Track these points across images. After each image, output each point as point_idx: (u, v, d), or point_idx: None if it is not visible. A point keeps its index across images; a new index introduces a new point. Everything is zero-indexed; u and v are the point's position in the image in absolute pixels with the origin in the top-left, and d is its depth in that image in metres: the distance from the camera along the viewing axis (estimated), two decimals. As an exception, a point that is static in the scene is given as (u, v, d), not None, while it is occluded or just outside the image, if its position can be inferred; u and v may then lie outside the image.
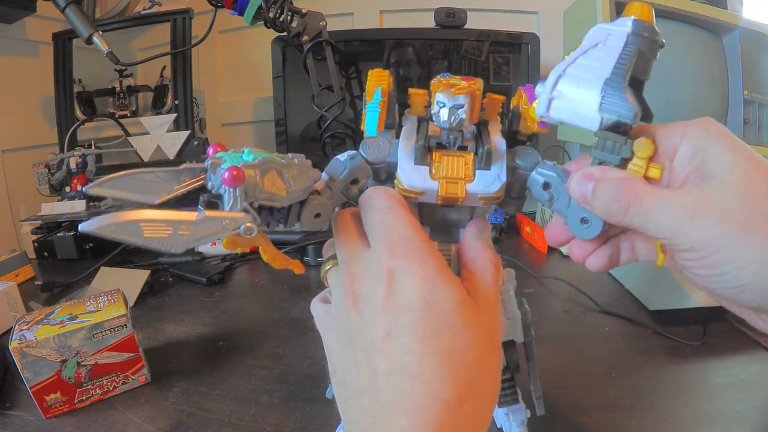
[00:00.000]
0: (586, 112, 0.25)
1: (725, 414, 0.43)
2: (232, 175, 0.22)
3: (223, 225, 0.22)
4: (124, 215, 0.20)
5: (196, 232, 0.21)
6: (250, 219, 0.23)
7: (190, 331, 0.59)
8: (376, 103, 0.30)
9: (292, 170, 0.27)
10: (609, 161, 0.27)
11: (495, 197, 0.30)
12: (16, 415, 0.44)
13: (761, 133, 0.80)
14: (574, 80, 0.26)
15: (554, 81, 0.26)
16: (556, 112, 0.26)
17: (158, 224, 0.21)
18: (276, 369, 0.50)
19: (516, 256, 0.79)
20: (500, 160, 0.29)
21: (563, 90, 0.26)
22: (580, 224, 0.28)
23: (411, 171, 0.30)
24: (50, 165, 0.92)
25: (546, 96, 0.26)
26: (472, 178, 0.29)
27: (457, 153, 0.30)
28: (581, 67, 0.26)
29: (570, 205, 0.28)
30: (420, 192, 0.30)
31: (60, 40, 0.95)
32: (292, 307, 0.64)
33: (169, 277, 0.75)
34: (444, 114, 0.28)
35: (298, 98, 0.95)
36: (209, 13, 0.78)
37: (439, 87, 0.28)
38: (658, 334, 0.55)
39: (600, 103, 0.24)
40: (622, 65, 0.24)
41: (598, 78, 0.25)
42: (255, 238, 0.26)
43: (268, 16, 0.71)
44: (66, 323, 0.43)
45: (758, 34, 0.80)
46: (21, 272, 0.74)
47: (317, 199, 0.30)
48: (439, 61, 0.99)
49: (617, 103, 0.24)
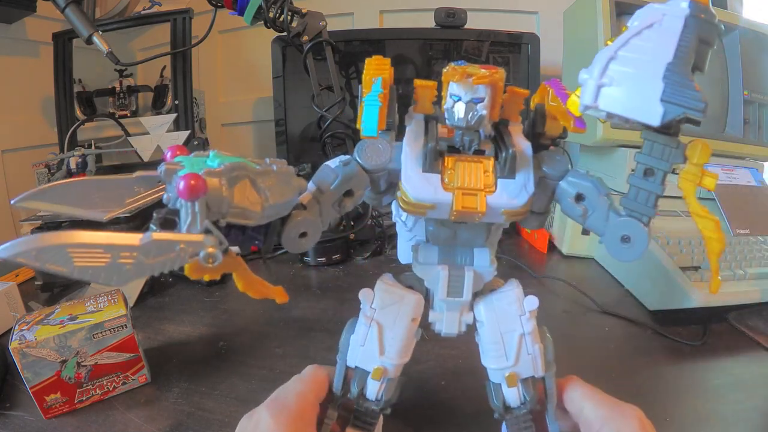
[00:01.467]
0: (644, 103, 0.20)
1: (725, 414, 0.43)
2: (189, 185, 0.17)
3: (176, 250, 0.17)
4: (50, 238, 0.15)
5: (142, 260, 0.16)
6: (212, 242, 0.18)
7: (190, 331, 0.59)
8: (375, 96, 0.24)
9: (269, 179, 0.21)
10: (657, 168, 0.23)
11: (521, 212, 0.25)
12: (16, 415, 0.44)
13: (761, 133, 0.80)
14: (629, 64, 0.21)
15: (604, 64, 0.22)
16: (607, 101, 0.22)
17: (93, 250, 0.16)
18: (276, 369, 0.50)
19: (516, 256, 0.79)
20: (526, 167, 0.25)
21: (616, 75, 0.21)
22: (620, 244, 0.24)
23: (419, 180, 0.25)
24: (50, 165, 0.92)
25: (594, 83, 0.22)
26: (493, 189, 0.24)
27: (474, 158, 0.25)
28: (636, 48, 0.21)
29: (609, 220, 0.24)
30: (430, 206, 0.25)
31: (60, 40, 0.95)
32: (292, 307, 0.64)
33: (169, 277, 0.74)
34: (460, 109, 0.23)
35: (298, 98, 0.95)
36: (209, 13, 0.78)
37: (453, 76, 0.23)
38: (658, 334, 0.55)
39: (663, 92, 0.20)
40: (684, 50, 0.20)
41: (658, 62, 0.20)
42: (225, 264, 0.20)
43: (268, 16, 0.71)
44: (66, 323, 0.43)
45: (758, 34, 0.80)
46: (21, 272, 0.74)
47: (302, 215, 0.24)
48: (439, 61, 0.99)
49: (685, 93, 0.20)
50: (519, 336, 0.27)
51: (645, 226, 0.24)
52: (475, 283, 0.28)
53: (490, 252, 0.29)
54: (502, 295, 0.28)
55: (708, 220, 0.23)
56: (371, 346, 0.30)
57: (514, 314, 0.27)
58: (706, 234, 0.23)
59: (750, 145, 0.78)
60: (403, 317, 0.30)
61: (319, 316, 0.62)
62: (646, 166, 0.24)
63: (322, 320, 0.60)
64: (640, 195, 0.24)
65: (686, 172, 0.23)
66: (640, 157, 0.24)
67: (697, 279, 0.59)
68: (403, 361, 0.31)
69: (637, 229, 0.24)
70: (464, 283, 0.28)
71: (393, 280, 0.31)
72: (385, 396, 0.32)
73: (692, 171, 0.23)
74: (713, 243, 0.23)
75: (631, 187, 0.24)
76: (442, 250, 0.28)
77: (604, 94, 0.22)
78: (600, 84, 0.22)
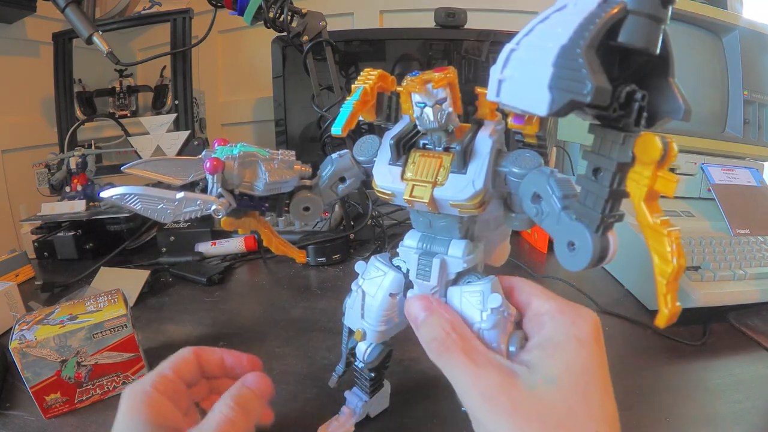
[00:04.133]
0: (535, 92, 0.18)
1: (725, 414, 0.43)
2: (212, 164, 0.27)
3: (197, 204, 0.27)
4: (129, 189, 0.25)
5: (178, 208, 0.27)
6: (220, 202, 0.28)
7: (190, 331, 0.59)
8: (350, 102, 0.28)
9: (271, 164, 0.30)
10: (604, 167, 0.21)
11: (468, 206, 0.26)
12: (16, 415, 0.44)
13: (761, 133, 0.80)
14: (529, 53, 0.19)
15: (506, 57, 0.20)
16: (506, 96, 0.20)
17: (151, 198, 0.26)
18: (276, 369, 0.50)
19: (516, 256, 0.79)
20: (479, 163, 0.26)
21: (515, 66, 0.20)
22: (566, 250, 0.22)
23: (384, 171, 0.29)
24: (50, 165, 0.92)
25: (495, 77, 0.20)
26: (443, 182, 0.26)
27: (436, 154, 0.28)
28: (538, 35, 0.19)
29: (559, 224, 0.22)
30: (391, 194, 0.28)
31: (60, 40, 0.95)
32: (292, 307, 0.64)
33: (169, 277, 0.75)
34: (429, 114, 0.26)
35: (298, 98, 0.95)
36: (209, 13, 0.78)
37: (413, 87, 0.25)
38: (658, 334, 0.55)
39: (551, 77, 0.18)
40: (587, 26, 0.17)
41: (554, 47, 0.18)
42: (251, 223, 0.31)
43: (268, 16, 0.71)
44: (66, 323, 0.43)
45: (758, 34, 0.80)
46: (21, 272, 0.74)
47: (306, 194, 0.32)
48: (439, 61, 0.99)
49: (572, 75, 0.17)
50: (477, 330, 0.27)
51: (592, 233, 0.21)
52: (443, 271, 0.30)
53: (468, 245, 0.30)
54: (470, 287, 0.29)
55: (658, 234, 0.20)
56: (356, 309, 0.35)
57: (475, 307, 0.28)
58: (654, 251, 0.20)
59: (750, 145, 0.78)
60: (383, 290, 0.33)
61: (319, 316, 0.62)
62: (593, 165, 0.21)
63: (322, 320, 0.60)
64: (588, 198, 0.21)
65: (633, 171, 0.20)
66: (588, 154, 0.21)
67: (697, 279, 0.59)
68: (380, 329, 0.34)
69: (582, 235, 0.21)
70: (431, 268, 0.30)
71: (385, 259, 0.35)
72: (369, 358, 0.37)
73: (640, 171, 0.19)
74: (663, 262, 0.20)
75: (581, 188, 0.22)
76: (422, 237, 0.31)
77: (504, 87, 0.20)
78: (500, 78, 0.20)
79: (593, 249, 0.21)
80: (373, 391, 0.41)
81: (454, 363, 0.25)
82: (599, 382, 0.24)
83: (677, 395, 0.46)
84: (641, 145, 0.19)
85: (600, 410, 0.23)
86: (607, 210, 0.21)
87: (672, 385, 0.47)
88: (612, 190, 0.21)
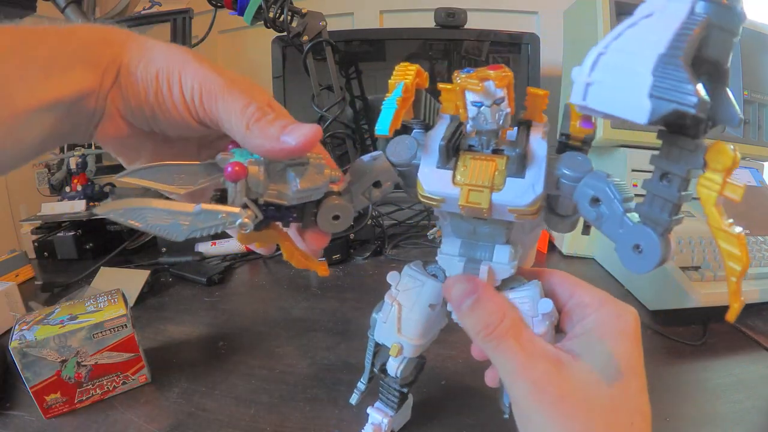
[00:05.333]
0: (631, 99, 0.18)
1: (725, 414, 0.43)
2: (234, 170, 0.23)
3: (219, 218, 0.23)
4: (134, 201, 0.21)
5: (194, 223, 0.22)
6: (247, 214, 0.23)
7: (190, 331, 0.59)
8: (393, 99, 0.26)
9: (300, 169, 0.25)
10: (673, 173, 0.21)
11: (528, 211, 0.25)
12: (16, 415, 0.44)
13: (761, 133, 0.80)
14: (620, 58, 0.19)
15: (593, 60, 0.20)
16: (594, 100, 0.20)
17: (161, 213, 0.22)
18: (276, 369, 0.50)
19: (516, 256, 0.79)
20: (537, 167, 0.25)
21: (605, 71, 0.20)
22: (632, 253, 0.22)
23: (432, 175, 0.26)
24: (50, 165, 0.92)
25: (582, 80, 0.20)
26: (501, 187, 0.25)
27: (488, 156, 0.26)
28: (629, 41, 0.19)
29: (622, 228, 0.22)
30: (440, 199, 0.26)
31: (60, 40, 0.95)
32: (292, 307, 0.64)
33: (169, 277, 0.75)
34: (488, 114, 0.24)
35: (298, 98, 0.95)
36: (209, 13, 0.78)
37: (472, 86, 0.23)
38: (658, 334, 0.55)
39: (652, 86, 0.18)
40: (683, 37, 0.18)
41: (650, 54, 0.18)
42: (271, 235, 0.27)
43: (268, 16, 0.71)
44: (66, 323, 0.43)
45: (758, 34, 0.80)
46: (21, 272, 0.74)
47: (336, 200, 0.28)
48: (439, 61, 0.99)
49: (674, 86, 0.17)
50: None
51: (659, 236, 0.21)
52: (490, 279, 0.29)
53: (513, 250, 0.29)
54: (518, 294, 0.29)
55: (730, 236, 0.21)
56: (391, 323, 0.33)
57: (527, 314, 0.28)
58: (725, 252, 0.21)
59: (750, 145, 0.78)
60: (422, 301, 0.32)
61: (319, 316, 0.62)
62: (662, 170, 0.21)
63: (322, 320, 0.60)
64: (655, 202, 0.22)
65: (704, 178, 0.20)
66: (656, 160, 0.22)
67: (697, 279, 0.59)
68: (419, 343, 0.33)
69: (649, 238, 0.22)
70: (479, 275, 0.29)
71: (419, 267, 0.33)
72: (402, 374, 0.35)
73: (711, 178, 0.20)
74: (734, 261, 0.21)
75: (648, 192, 0.22)
76: (464, 244, 0.30)
77: (592, 91, 0.20)
78: (588, 81, 0.20)
79: (662, 251, 0.21)
80: (400, 406, 0.39)
81: (505, 349, 0.25)
82: (638, 375, 0.24)
83: (677, 395, 0.46)
84: (713, 153, 0.20)
85: (637, 403, 0.24)
86: (675, 214, 0.22)
87: (672, 385, 0.47)
88: (681, 195, 0.21)
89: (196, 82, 0.25)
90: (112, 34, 0.25)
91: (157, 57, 0.25)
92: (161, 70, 0.25)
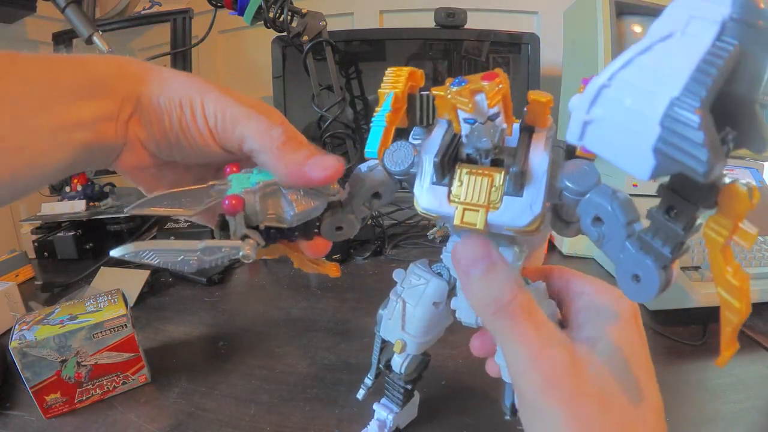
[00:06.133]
0: (634, 149, 0.16)
1: (725, 414, 0.43)
2: (231, 204, 0.23)
3: (223, 251, 0.23)
4: (144, 245, 0.22)
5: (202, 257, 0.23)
6: (249, 245, 0.24)
7: (190, 331, 0.59)
8: (382, 116, 0.24)
9: (296, 193, 0.26)
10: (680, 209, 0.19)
11: (526, 231, 0.23)
12: (16, 415, 0.44)
13: (761, 133, 0.80)
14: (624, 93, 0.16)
15: (595, 94, 0.17)
16: (592, 142, 0.17)
17: (170, 252, 0.22)
18: (276, 369, 0.50)
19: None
20: (536, 184, 0.23)
21: (606, 108, 0.16)
22: (630, 281, 0.21)
23: (427, 191, 0.25)
24: (50, 165, 0.92)
25: (580, 117, 0.17)
26: (498, 204, 0.23)
27: (486, 170, 0.24)
28: (639, 72, 0.16)
29: (623, 253, 0.20)
30: (436, 216, 0.26)
31: (60, 40, 0.95)
32: (292, 307, 0.64)
33: (169, 277, 0.75)
34: (480, 132, 0.23)
35: (298, 98, 0.95)
36: (209, 13, 0.78)
37: (461, 104, 0.22)
38: (658, 334, 0.55)
39: (658, 138, 0.15)
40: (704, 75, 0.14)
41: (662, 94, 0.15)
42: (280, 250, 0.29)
43: (268, 16, 0.71)
44: (66, 323, 0.43)
45: (758, 33, 0.80)
46: (21, 272, 0.74)
47: (338, 213, 0.28)
48: (439, 61, 0.99)
49: (685, 143, 0.14)
50: None
51: (659, 269, 0.20)
52: None
53: (518, 250, 0.28)
54: None
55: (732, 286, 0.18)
56: (395, 320, 0.33)
57: None
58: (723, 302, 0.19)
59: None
60: (426, 299, 0.32)
61: (319, 316, 0.62)
62: (668, 203, 0.19)
63: (322, 320, 0.60)
64: (658, 235, 0.20)
65: (713, 220, 0.18)
66: (663, 190, 0.19)
67: (697, 279, 0.59)
68: (422, 340, 0.33)
69: (649, 270, 0.20)
70: None
71: (425, 265, 0.33)
72: (406, 371, 0.36)
73: (721, 222, 0.17)
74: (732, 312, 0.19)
75: (652, 223, 0.20)
76: None
77: (590, 131, 0.17)
78: (587, 119, 0.17)
79: (660, 285, 0.19)
80: (405, 402, 0.39)
81: (516, 332, 0.22)
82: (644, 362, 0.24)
83: (677, 395, 0.46)
84: (727, 197, 0.17)
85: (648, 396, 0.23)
86: (677, 251, 0.20)
87: (672, 385, 0.47)
88: (687, 234, 0.19)
89: (218, 108, 0.26)
90: (130, 67, 0.26)
91: (178, 87, 0.26)
92: (184, 98, 0.26)
